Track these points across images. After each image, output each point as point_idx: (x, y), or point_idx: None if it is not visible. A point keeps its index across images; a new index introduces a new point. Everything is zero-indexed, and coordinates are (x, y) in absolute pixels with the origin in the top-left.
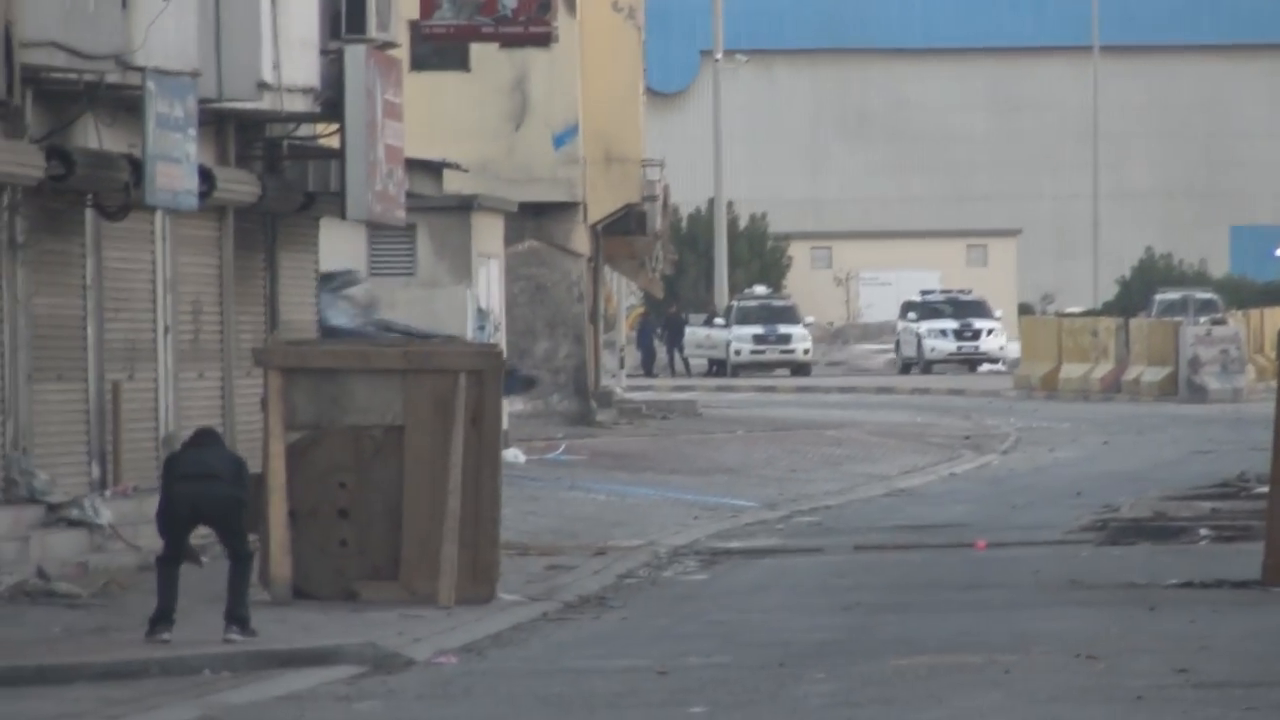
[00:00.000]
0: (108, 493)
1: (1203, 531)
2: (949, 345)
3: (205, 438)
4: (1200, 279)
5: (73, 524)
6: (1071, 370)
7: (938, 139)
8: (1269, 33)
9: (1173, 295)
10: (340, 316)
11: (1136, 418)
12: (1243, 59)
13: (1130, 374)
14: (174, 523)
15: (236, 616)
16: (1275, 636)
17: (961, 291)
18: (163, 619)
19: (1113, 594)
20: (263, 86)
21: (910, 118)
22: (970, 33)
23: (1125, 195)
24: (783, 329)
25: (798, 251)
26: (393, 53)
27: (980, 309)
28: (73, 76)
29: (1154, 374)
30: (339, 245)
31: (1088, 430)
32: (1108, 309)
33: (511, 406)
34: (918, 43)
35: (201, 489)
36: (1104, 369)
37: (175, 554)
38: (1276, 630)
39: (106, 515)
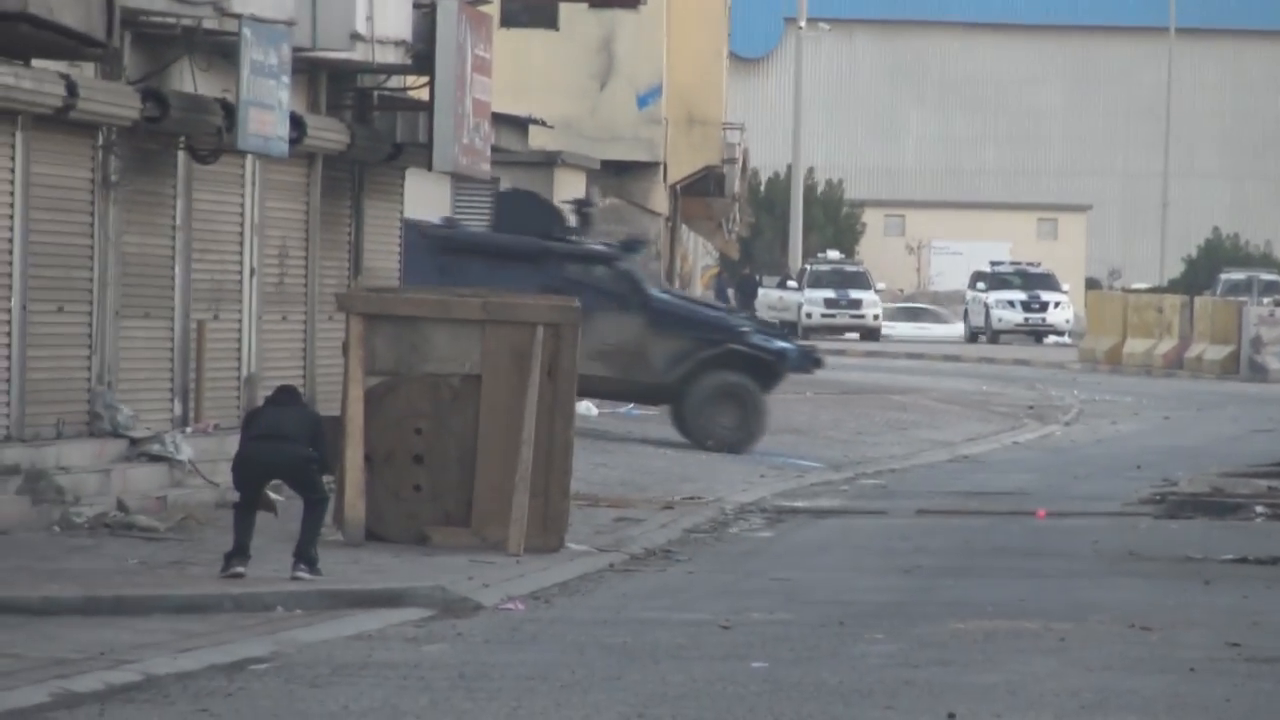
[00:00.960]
0: (189, 429)
1: (1259, 509)
2: (1016, 316)
3: (285, 395)
4: (1266, 260)
5: (154, 459)
6: (1135, 345)
7: (1012, 112)
8: None
9: (1238, 275)
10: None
11: (1197, 394)
12: None
13: (1193, 351)
14: (248, 477)
15: (306, 556)
16: None
17: (1031, 264)
18: (238, 554)
19: (1168, 567)
20: (355, 37)
21: (985, 91)
22: (1048, 9)
23: (1195, 175)
24: (854, 294)
25: (871, 219)
26: (484, 9)
27: (1048, 282)
28: (170, 20)
29: (1216, 352)
30: (425, 196)
31: (1149, 405)
32: (1173, 286)
33: None
34: (996, 17)
35: (274, 450)
36: (1167, 345)
37: (250, 503)
38: None
39: (187, 451)
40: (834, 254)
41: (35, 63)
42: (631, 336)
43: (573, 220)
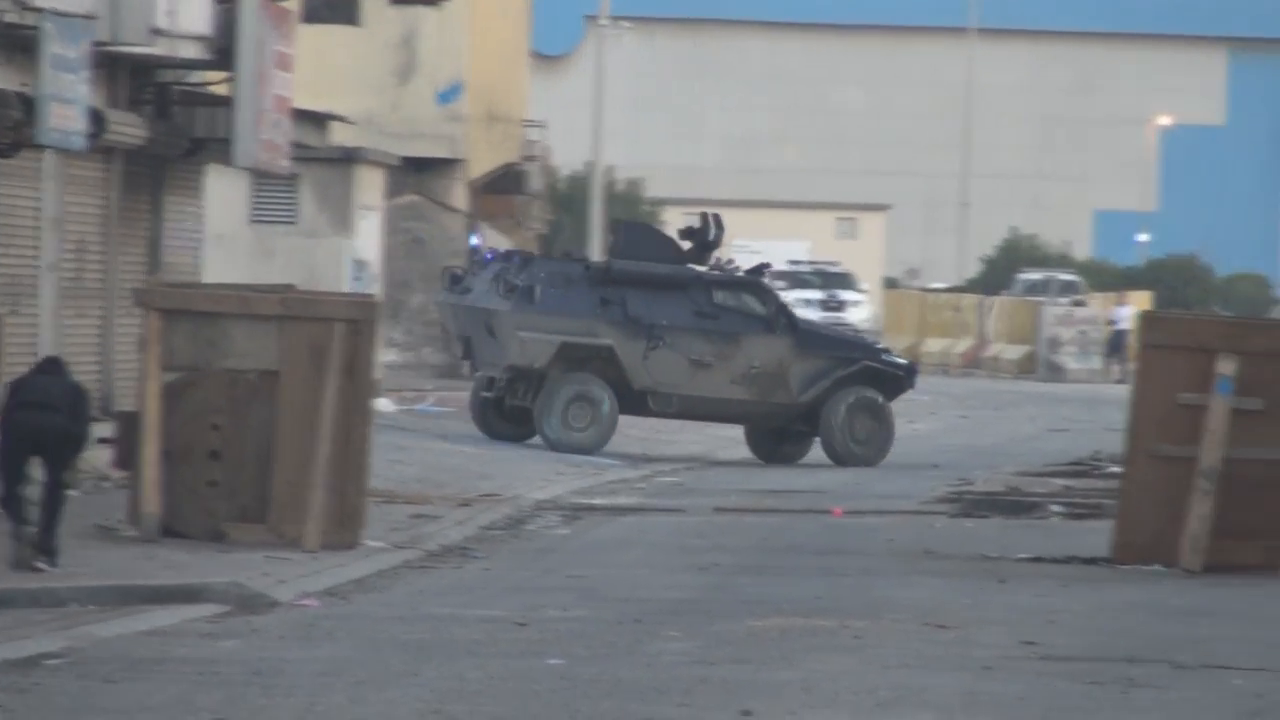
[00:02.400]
0: None
1: (1054, 508)
2: (814, 315)
3: (51, 365)
4: (1064, 261)
5: None
6: (933, 345)
7: (813, 111)
8: (1140, 21)
9: (1035, 275)
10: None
11: (995, 394)
12: (1115, 46)
13: (990, 351)
14: (13, 454)
15: (47, 548)
16: (1120, 612)
17: (829, 263)
18: (34, 545)
19: (964, 565)
20: (156, 32)
21: (788, 90)
22: (850, 8)
23: (994, 176)
24: None
25: (671, 217)
26: (285, 4)
27: (846, 281)
28: None
29: (1014, 352)
30: (225, 192)
31: (946, 404)
32: (972, 286)
33: (384, 357)
34: (798, 16)
35: (41, 419)
36: (965, 345)
37: (12, 491)
38: (1122, 606)
39: None
40: None
41: None
42: (776, 359)
43: (685, 245)
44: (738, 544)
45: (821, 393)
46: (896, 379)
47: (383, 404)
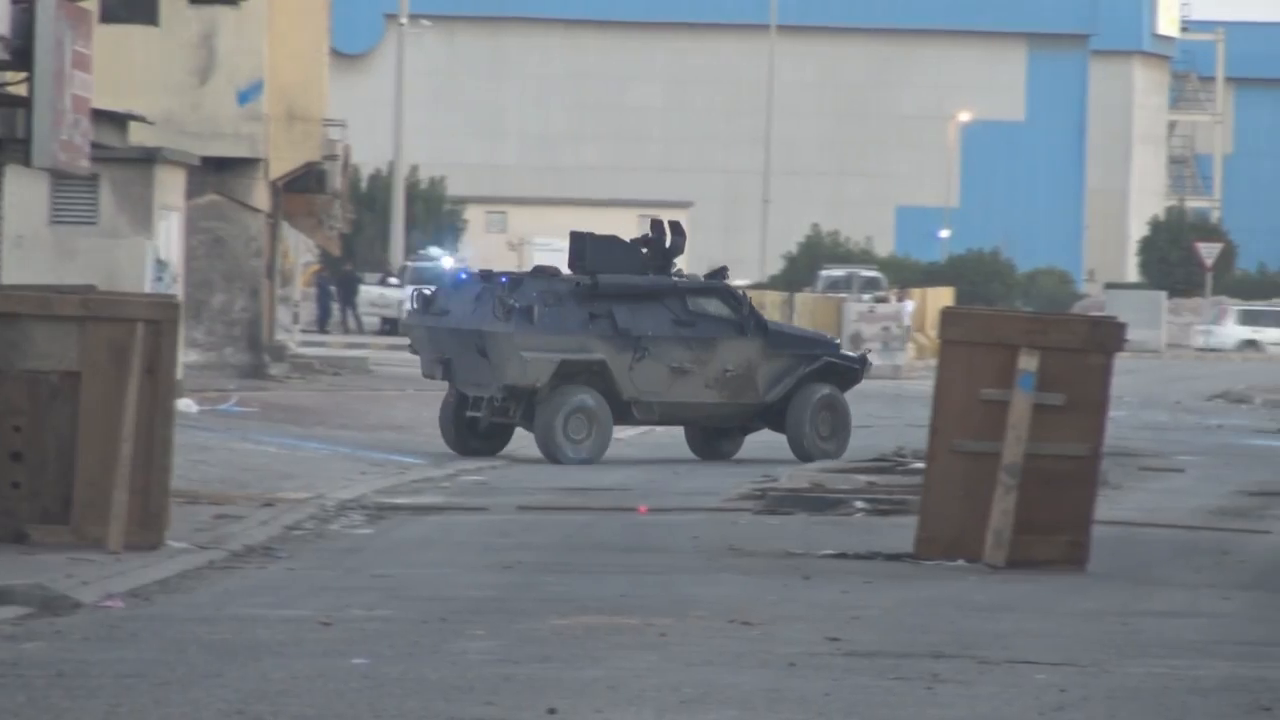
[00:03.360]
0: None
1: (859, 504)
2: None
3: None
4: (866, 257)
5: None
6: None
7: (613, 109)
8: (939, 17)
9: (837, 272)
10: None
11: None
12: (914, 42)
13: None
14: None
15: None
16: (924, 608)
17: None
18: None
19: (769, 562)
20: None
21: (589, 88)
22: (649, 6)
23: (796, 172)
24: None
25: (473, 215)
26: (83, 4)
27: None
28: None
29: None
30: (24, 193)
31: None
32: (774, 283)
33: (186, 358)
34: (597, 14)
35: None
36: None
37: None
38: (925, 602)
39: None
40: (435, 251)
41: None
42: (746, 360)
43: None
44: (542, 542)
45: (786, 391)
46: (853, 372)
47: (185, 404)
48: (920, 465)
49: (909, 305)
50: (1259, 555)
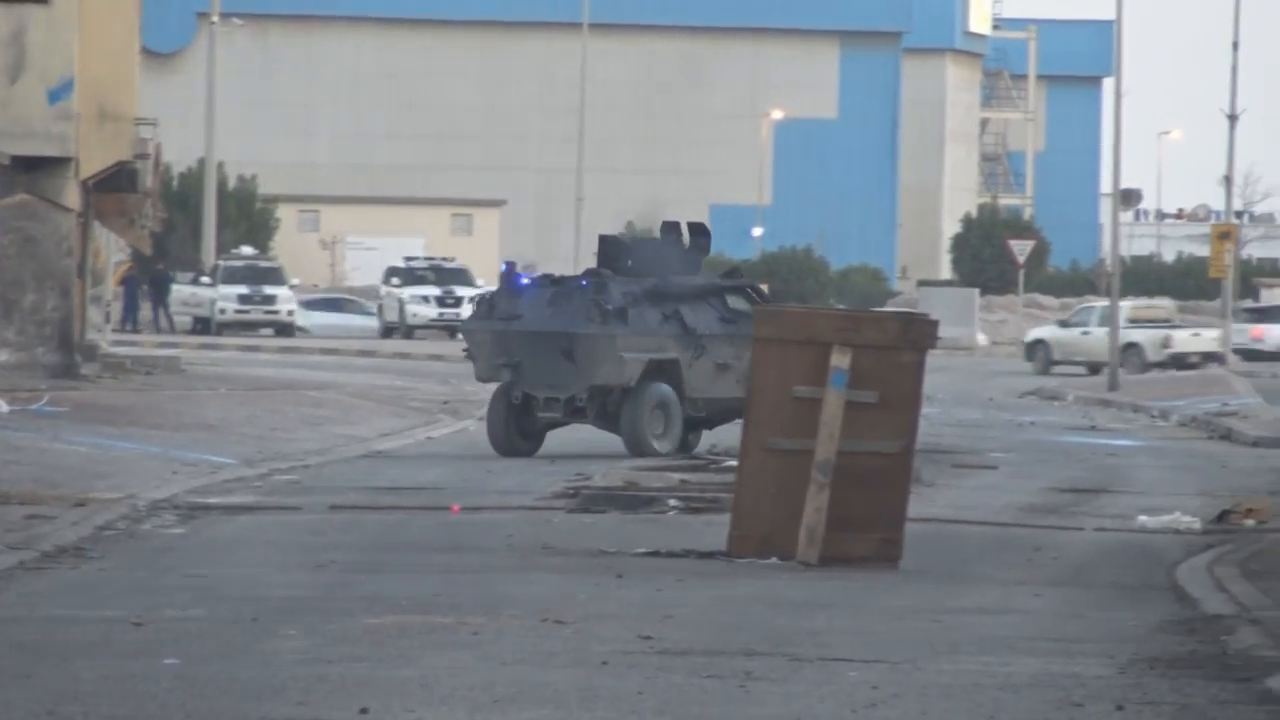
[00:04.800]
0: None
1: (672, 502)
2: (431, 311)
3: None
4: None
5: None
6: None
7: (427, 108)
8: (751, 15)
9: None
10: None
11: None
12: (727, 40)
13: None
14: None
15: None
16: (736, 606)
17: (445, 259)
18: None
19: (582, 561)
20: None
21: (402, 86)
22: (463, 5)
23: (610, 171)
24: (268, 289)
25: (286, 214)
26: None
27: (463, 277)
28: None
29: None
30: None
31: None
32: None
33: None
34: (411, 12)
35: None
36: None
37: None
38: (738, 600)
39: None
40: (248, 250)
41: None
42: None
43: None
44: (355, 541)
45: None
46: None
47: None
48: (733, 463)
49: None
50: (1071, 552)
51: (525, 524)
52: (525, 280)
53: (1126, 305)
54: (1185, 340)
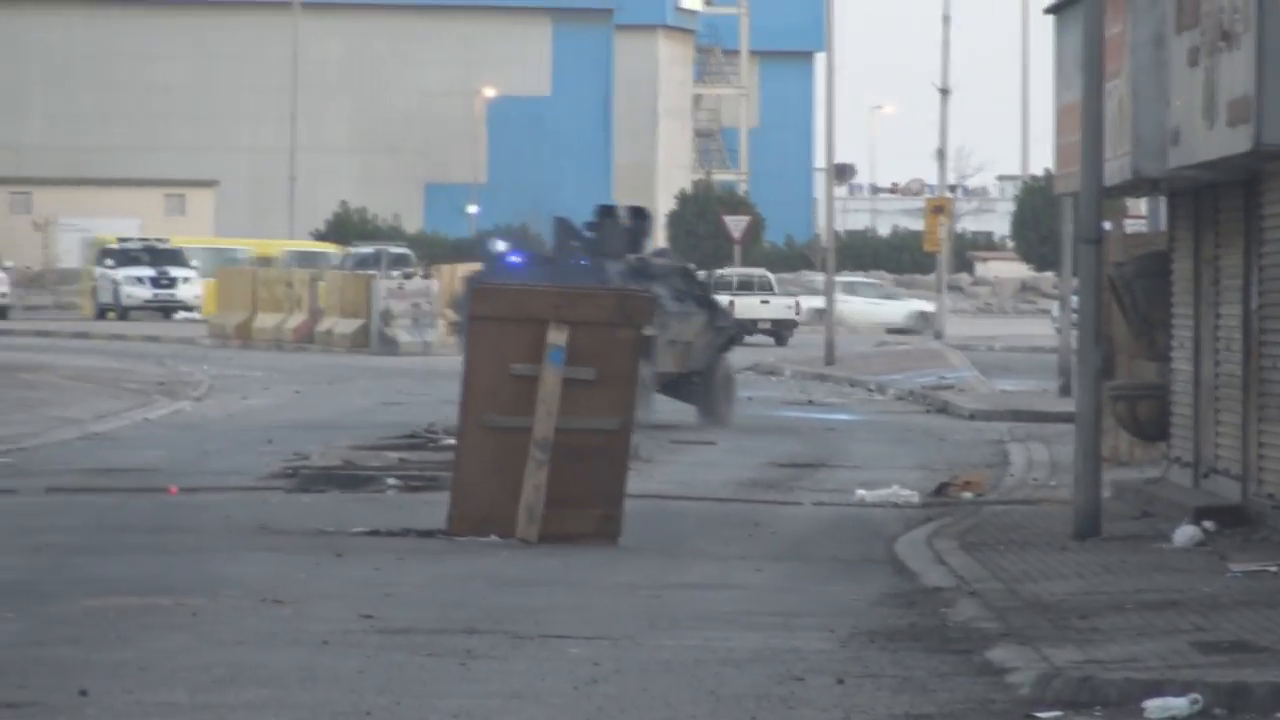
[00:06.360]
0: None
1: (390, 481)
2: (145, 293)
3: None
4: (395, 234)
5: None
6: (265, 320)
7: (137, 89)
8: None
9: (366, 249)
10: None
11: (329, 368)
12: (436, 18)
13: (323, 325)
14: None
15: None
16: (457, 585)
17: (159, 240)
18: None
19: (301, 540)
20: None
21: (113, 67)
22: None
23: (323, 150)
24: None
25: None
26: None
27: (176, 257)
28: None
29: (347, 326)
30: None
31: (281, 380)
32: (303, 261)
33: None
34: None
35: None
36: (297, 320)
37: None
38: (459, 579)
39: None
40: None
41: None
42: (697, 330)
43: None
44: (71, 524)
45: (709, 359)
46: (738, 340)
47: None
48: (452, 442)
49: (434, 283)
50: (789, 527)
51: (243, 505)
52: (515, 259)
53: (731, 271)
54: (752, 307)
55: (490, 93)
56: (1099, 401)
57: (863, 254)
